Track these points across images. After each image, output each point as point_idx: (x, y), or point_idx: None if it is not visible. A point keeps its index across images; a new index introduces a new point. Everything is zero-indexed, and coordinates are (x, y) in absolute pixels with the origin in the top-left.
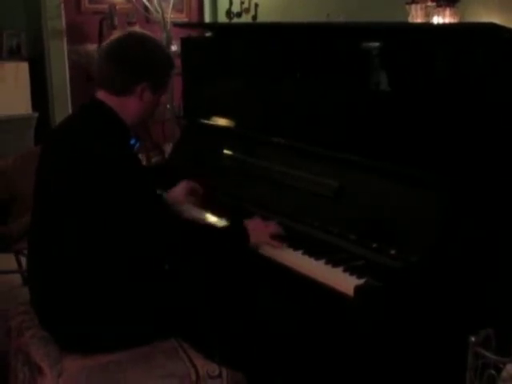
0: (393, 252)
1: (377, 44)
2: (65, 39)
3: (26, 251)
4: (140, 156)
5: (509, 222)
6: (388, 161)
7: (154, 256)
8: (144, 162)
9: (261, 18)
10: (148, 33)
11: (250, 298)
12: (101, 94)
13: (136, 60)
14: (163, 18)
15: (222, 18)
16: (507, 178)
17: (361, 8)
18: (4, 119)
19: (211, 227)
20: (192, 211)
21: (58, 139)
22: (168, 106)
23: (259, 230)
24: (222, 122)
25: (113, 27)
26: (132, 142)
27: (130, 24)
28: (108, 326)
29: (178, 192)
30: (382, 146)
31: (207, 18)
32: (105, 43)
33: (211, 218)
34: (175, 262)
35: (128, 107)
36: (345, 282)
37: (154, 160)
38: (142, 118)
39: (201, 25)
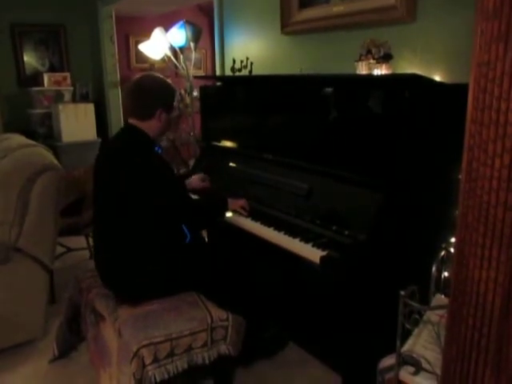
0: (346, 233)
1: (334, 88)
2: (119, 88)
3: (91, 234)
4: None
5: (425, 212)
6: (343, 170)
7: (181, 221)
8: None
9: (255, 72)
10: (157, 73)
11: (249, 265)
12: (132, 121)
13: (153, 94)
14: (187, 72)
15: (228, 72)
16: (423, 181)
17: (325, 64)
18: (78, 143)
19: (207, 199)
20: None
21: (107, 152)
22: (191, 134)
23: (235, 203)
24: (227, 144)
25: None
26: (157, 149)
27: (165, 77)
28: (148, 285)
29: (194, 179)
30: (339, 159)
31: (218, 72)
32: (129, 84)
33: None
34: (195, 230)
35: (152, 127)
36: (313, 253)
37: (181, 171)
38: (161, 132)
39: (213, 77)
